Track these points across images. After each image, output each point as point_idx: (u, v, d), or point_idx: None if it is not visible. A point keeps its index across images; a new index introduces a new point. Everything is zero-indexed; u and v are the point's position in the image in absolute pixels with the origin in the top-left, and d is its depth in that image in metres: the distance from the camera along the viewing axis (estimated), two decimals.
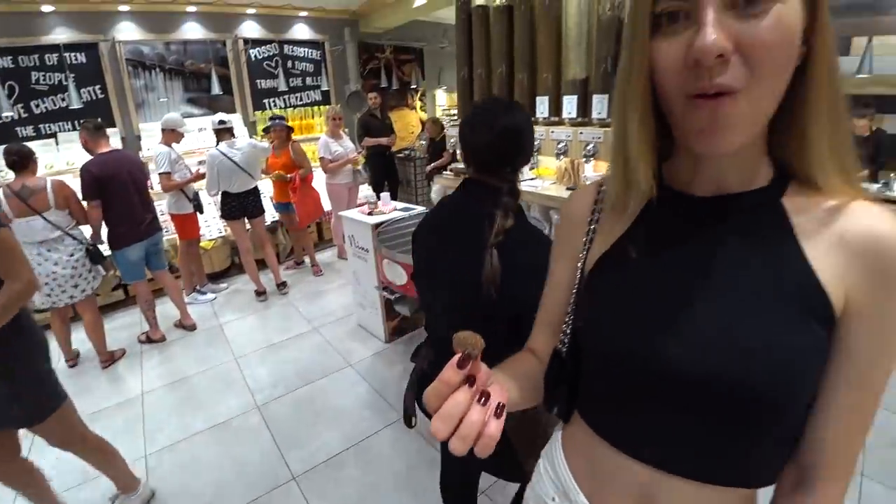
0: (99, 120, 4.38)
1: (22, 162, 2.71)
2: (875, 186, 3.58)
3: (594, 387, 0.61)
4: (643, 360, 0.53)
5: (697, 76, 0.42)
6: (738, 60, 0.41)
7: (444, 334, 0.90)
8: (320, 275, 4.61)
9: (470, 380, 0.44)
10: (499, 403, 0.45)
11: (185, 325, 3.63)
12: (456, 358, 0.44)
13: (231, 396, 2.75)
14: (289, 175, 4.24)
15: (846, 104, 0.47)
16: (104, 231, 3.12)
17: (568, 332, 0.65)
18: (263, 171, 4.44)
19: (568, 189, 3.13)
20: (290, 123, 4.60)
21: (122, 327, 3.77)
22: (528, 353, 0.72)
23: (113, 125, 4.75)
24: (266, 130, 4.44)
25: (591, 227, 0.64)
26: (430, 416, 0.45)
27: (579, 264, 0.64)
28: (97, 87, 4.70)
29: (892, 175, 3.56)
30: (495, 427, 0.43)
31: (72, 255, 2.84)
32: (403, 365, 3.00)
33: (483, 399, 0.44)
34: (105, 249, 3.12)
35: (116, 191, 3.03)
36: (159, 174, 3.64)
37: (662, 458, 0.55)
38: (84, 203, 2.99)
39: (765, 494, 0.59)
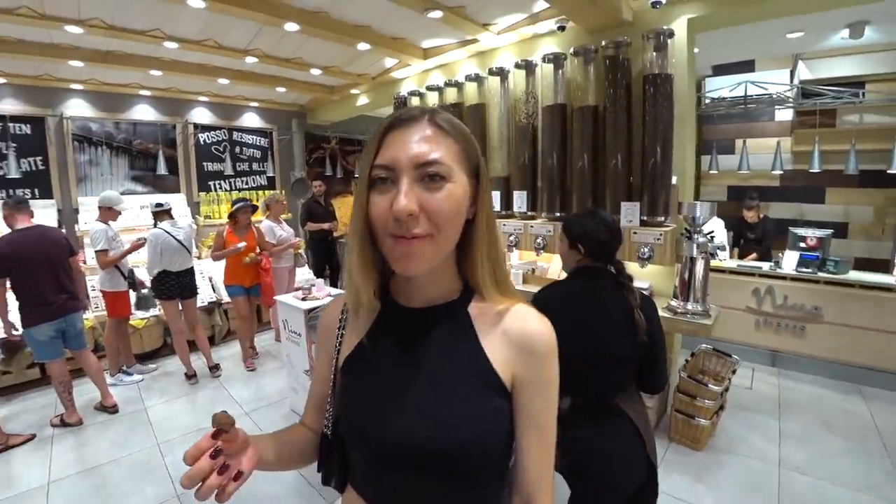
0: (22, 193, 4.30)
1: None
2: (767, 265, 4.00)
3: (355, 460, 0.74)
4: (377, 438, 0.68)
5: (398, 225, 0.59)
6: (424, 217, 0.60)
7: (581, 380, 1.36)
8: (256, 357, 4.50)
9: (217, 451, 0.59)
10: (238, 471, 0.61)
11: (106, 407, 3.43)
12: (212, 430, 0.59)
13: (149, 485, 2.59)
14: (260, 255, 4.27)
15: (499, 242, 0.71)
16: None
17: (330, 417, 0.79)
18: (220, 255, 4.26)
19: None
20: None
21: (35, 409, 3.51)
22: (300, 426, 0.86)
23: (50, 197, 4.71)
24: (232, 216, 4.15)
25: (340, 332, 0.80)
26: None
27: (333, 362, 0.79)
28: (38, 158, 4.67)
29: (780, 255, 3.98)
30: (233, 487, 0.60)
31: None
32: None
33: (223, 468, 0.59)
34: None
35: (27, 270, 2.97)
36: (96, 252, 3.60)
37: None
38: None
39: None
